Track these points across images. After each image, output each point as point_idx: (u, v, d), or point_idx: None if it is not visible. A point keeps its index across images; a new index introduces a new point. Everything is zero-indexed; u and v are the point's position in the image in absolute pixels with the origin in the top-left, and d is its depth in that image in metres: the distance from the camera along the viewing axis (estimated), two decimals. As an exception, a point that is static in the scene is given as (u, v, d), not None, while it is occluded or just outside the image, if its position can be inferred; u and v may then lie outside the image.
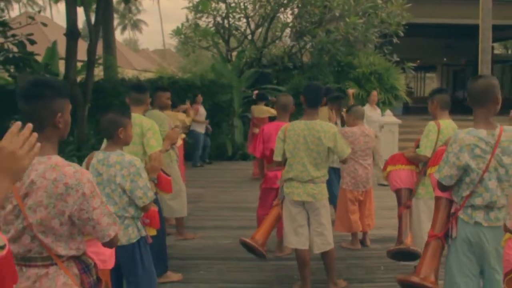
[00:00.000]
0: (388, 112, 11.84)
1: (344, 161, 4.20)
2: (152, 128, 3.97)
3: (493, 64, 26.32)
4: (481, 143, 2.77)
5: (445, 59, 28.46)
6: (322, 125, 4.05)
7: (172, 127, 4.98)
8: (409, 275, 3.05)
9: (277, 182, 4.58)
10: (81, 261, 2.11)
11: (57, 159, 2.04)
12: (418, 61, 31.99)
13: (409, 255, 4.12)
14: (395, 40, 13.38)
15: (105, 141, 3.61)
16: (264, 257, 4.39)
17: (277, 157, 4.21)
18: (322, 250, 4.17)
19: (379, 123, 9.21)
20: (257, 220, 5.05)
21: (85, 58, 10.50)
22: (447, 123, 3.95)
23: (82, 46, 10.99)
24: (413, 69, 14.98)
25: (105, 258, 2.35)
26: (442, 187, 2.93)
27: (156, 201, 3.71)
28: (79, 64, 10.75)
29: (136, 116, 3.92)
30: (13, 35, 8.67)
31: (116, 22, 47.24)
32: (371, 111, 8.95)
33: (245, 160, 11.91)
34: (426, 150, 3.93)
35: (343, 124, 6.02)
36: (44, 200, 1.95)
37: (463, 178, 2.85)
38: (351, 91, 8.16)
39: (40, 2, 47.44)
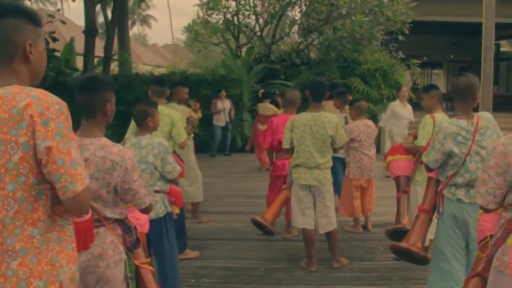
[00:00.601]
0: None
1: (337, 149, 4.68)
2: (180, 120, 4.52)
3: (499, 61, 26.54)
4: (462, 132, 3.20)
5: (451, 56, 28.60)
6: (327, 116, 4.50)
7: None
8: (400, 243, 3.50)
9: (286, 168, 5.02)
10: (124, 224, 2.57)
11: (105, 140, 2.50)
12: (425, 57, 32.18)
13: (405, 234, 4.54)
14: (400, 37, 13.76)
15: (129, 129, 4.41)
16: (272, 233, 4.87)
17: (286, 145, 4.65)
18: (326, 230, 4.62)
19: (408, 120, 8.85)
20: (267, 205, 5.49)
21: (99, 54, 10.97)
22: (441, 116, 4.34)
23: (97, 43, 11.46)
24: (419, 65, 15.33)
25: (142, 223, 2.81)
26: (428, 169, 3.38)
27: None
28: (95, 60, 11.24)
29: (163, 108, 4.42)
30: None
31: (125, 17, 47.65)
32: (400, 107, 8.77)
33: (254, 152, 12.36)
34: (423, 141, 4.27)
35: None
36: (95, 173, 2.40)
37: (447, 161, 3.28)
38: None
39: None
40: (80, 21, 12.55)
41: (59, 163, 1.57)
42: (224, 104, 11.34)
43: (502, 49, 26.87)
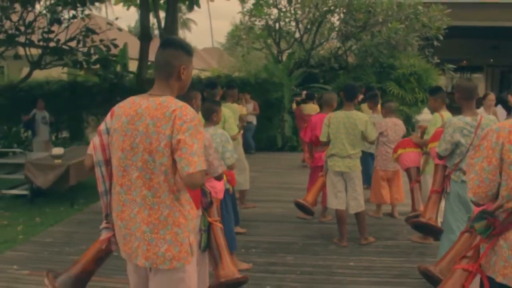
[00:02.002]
0: (425, 110, 12.80)
1: (371, 143, 5.48)
2: (232, 117, 5.45)
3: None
4: (467, 126, 3.96)
5: (491, 60, 28.63)
6: (358, 114, 5.34)
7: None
8: (419, 218, 4.27)
9: (322, 159, 5.84)
10: (201, 189, 3.42)
11: None
12: (465, 62, 32.16)
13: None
14: (435, 43, 14.33)
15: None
16: (312, 213, 5.72)
17: (323, 138, 5.49)
18: (356, 211, 5.43)
19: None
20: (307, 191, 6.34)
21: (150, 58, 12.01)
22: (448, 114, 5.05)
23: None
24: (458, 70, 15.75)
25: (217, 190, 3.68)
26: (440, 157, 4.15)
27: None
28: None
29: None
30: (101, 40, 10.28)
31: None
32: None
33: (293, 151, 13.19)
34: (430, 135, 5.02)
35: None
36: None
37: (455, 150, 4.04)
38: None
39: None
40: (122, 24, 13.68)
41: (183, 151, 2.27)
42: (248, 106, 11.90)
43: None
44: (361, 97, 8.28)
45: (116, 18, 11.64)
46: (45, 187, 7.46)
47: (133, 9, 12.83)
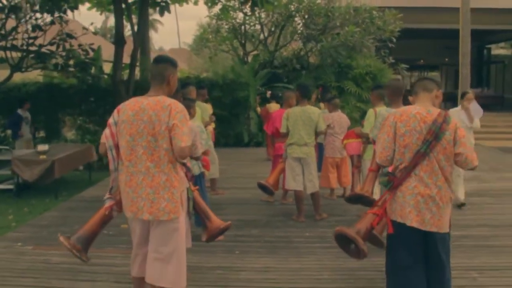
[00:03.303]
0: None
1: (321, 133, 6.44)
2: (200, 114, 6.35)
3: (490, 64, 28.01)
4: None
5: (446, 59, 30.20)
6: (312, 109, 6.32)
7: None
8: (356, 190, 5.21)
9: (282, 148, 6.78)
10: (186, 166, 4.22)
11: None
12: (422, 61, 33.69)
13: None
14: (390, 44, 15.52)
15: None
16: (273, 193, 6.68)
17: (283, 130, 6.42)
18: (311, 191, 6.39)
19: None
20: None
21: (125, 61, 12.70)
22: (380, 109, 5.85)
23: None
24: (413, 68, 16.92)
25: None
26: (374, 142, 5.11)
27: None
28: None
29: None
30: (79, 45, 11.00)
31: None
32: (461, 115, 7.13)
33: (258, 146, 14.13)
34: (367, 129, 5.85)
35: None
36: None
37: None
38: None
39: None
40: (87, 24, 14.41)
41: (176, 131, 3.22)
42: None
43: (493, 53, 28.37)
44: (314, 97, 9.23)
45: (92, 23, 12.34)
46: (31, 181, 8.10)
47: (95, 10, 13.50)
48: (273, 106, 11.77)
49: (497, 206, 7.32)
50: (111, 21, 44.21)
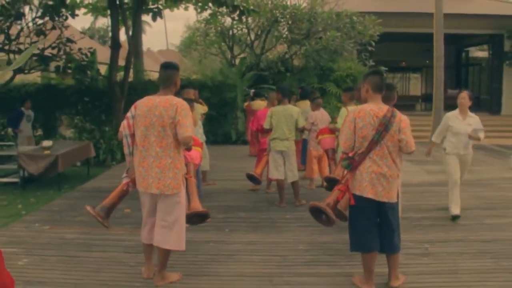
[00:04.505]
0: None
1: (301, 129, 7.30)
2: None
3: (469, 66, 29.03)
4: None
5: (427, 61, 31.13)
6: (292, 108, 7.20)
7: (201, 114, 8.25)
8: (331, 174, 6.05)
9: (266, 142, 7.63)
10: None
11: None
12: (404, 63, 34.65)
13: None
14: (370, 48, 16.44)
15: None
16: (260, 182, 7.56)
17: (267, 126, 7.28)
18: (292, 180, 7.27)
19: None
20: (255, 168, 8.12)
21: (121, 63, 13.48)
22: (352, 108, 6.78)
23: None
24: (395, 70, 17.60)
25: (192, 157, 5.36)
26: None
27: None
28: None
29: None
30: (79, 48, 11.80)
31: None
32: (456, 120, 6.71)
33: (245, 144, 14.95)
34: (340, 125, 6.66)
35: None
36: None
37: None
38: None
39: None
40: (77, 27, 15.17)
41: (181, 124, 4.08)
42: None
43: (471, 55, 29.39)
44: (294, 97, 10.08)
45: (88, 28, 13.09)
46: (36, 174, 8.79)
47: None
48: (256, 104, 12.58)
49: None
50: (99, 23, 44.93)
